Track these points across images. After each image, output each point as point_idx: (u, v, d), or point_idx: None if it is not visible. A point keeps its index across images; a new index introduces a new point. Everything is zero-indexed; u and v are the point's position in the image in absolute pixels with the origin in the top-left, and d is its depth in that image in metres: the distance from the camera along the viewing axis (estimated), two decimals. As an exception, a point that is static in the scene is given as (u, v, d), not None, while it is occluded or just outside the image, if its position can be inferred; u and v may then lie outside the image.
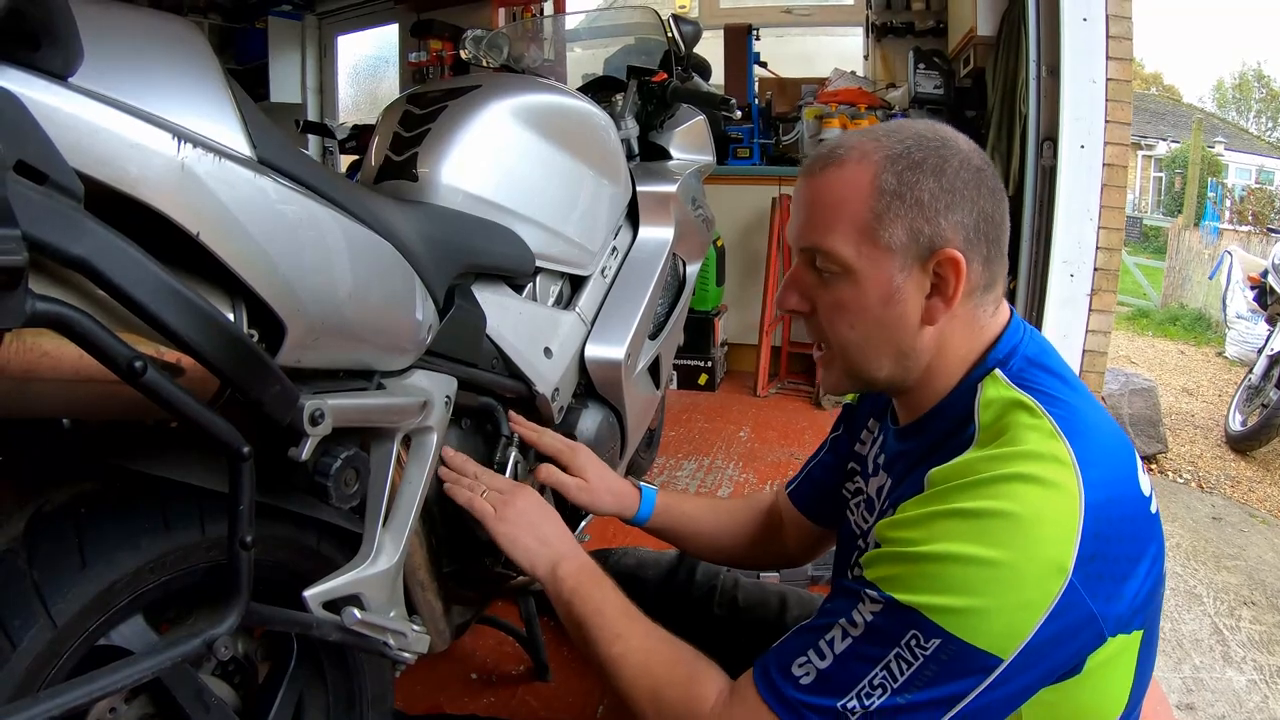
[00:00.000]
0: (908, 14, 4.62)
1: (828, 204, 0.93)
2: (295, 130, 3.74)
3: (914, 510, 0.88)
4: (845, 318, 0.95)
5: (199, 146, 0.72)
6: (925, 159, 0.91)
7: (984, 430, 0.90)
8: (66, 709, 0.72)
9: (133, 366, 0.65)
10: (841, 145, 0.95)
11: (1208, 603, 2.55)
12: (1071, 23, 2.92)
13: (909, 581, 0.83)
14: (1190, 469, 4.24)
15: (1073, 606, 0.80)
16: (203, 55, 0.80)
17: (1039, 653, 0.80)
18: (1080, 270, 3.07)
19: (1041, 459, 0.83)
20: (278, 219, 0.80)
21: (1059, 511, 0.81)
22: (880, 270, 0.92)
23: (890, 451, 1.11)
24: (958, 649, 0.79)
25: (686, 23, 2.15)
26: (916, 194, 0.90)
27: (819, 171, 0.95)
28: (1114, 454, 0.89)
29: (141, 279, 0.66)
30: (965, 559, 0.80)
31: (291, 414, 0.83)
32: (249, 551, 0.81)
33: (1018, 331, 0.99)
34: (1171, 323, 9.48)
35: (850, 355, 0.97)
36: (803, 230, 0.96)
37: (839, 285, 0.94)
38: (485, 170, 1.43)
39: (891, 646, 0.82)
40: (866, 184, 0.91)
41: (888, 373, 0.98)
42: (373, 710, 1.23)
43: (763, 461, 3.15)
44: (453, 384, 1.22)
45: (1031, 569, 0.80)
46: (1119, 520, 0.84)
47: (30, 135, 0.60)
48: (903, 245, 0.91)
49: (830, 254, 0.92)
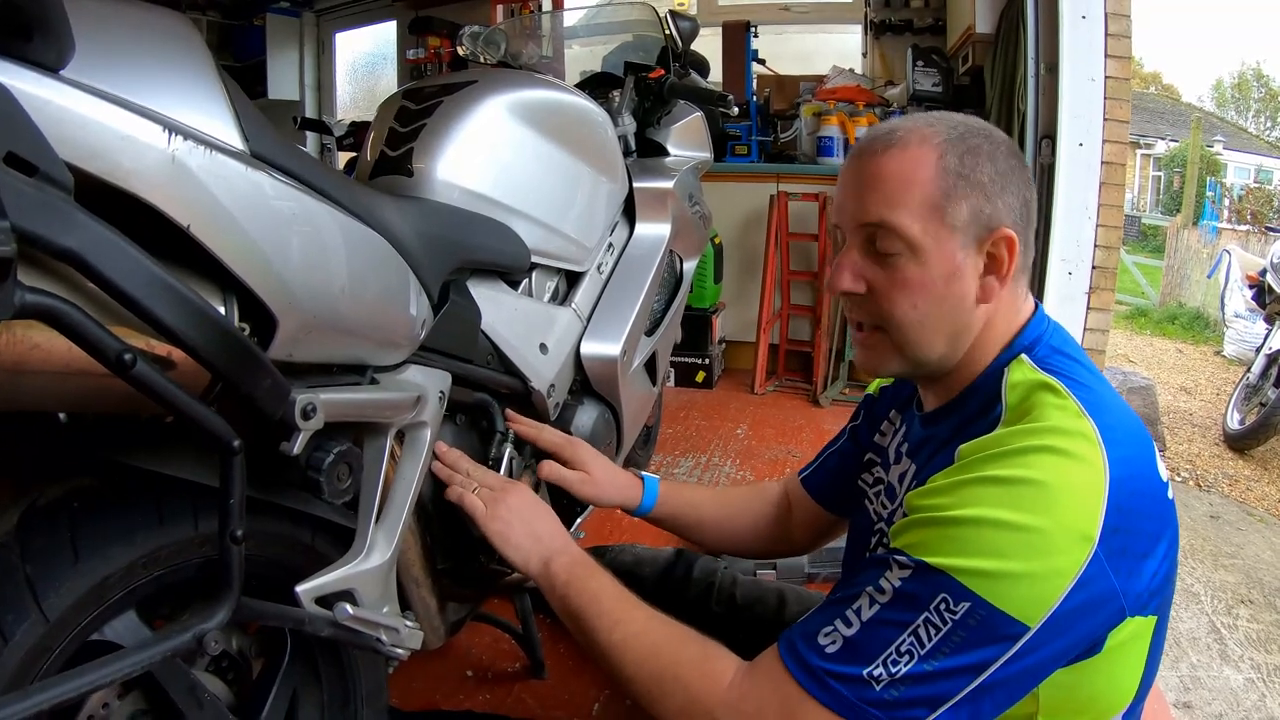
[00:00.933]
0: (906, 11, 4.62)
1: (895, 182, 0.95)
2: (293, 127, 3.72)
3: (944, 479, 0.90)
4: (909, 296, 0.96)
5: (190, 139, 0.72)
6: (980, 145, 0.95)
7: (1011, 410, 0.93)
8: (56, 702, 0.72)
9: (122, 359, 0.65)
10: (898, 129, 0.97)
11: (1205, 601, 2.55)
12: (1070, 20, 2.92)
13: (939, 545, 0.84)
14: (1188, 468, 4.25)
15: (1097, 578, 0.82)
16: (196, 49, 0.80)
17: (1064, 623, 0.81)
18: (1078, 268, 3.07)
19: (1068, 434, 0.86)
20: (270, 213, 0.80)
21: (1086, 483, 0.83)
22: (944, 248, 0.94)
23: (915, 438, 1.13)
24: (986, 613, 0.80)
25: (684, 19, 2.14)
26: (978, 176, 0.94)
27: (881, 151, 0.96)
28: (1136, 436, 0.91)
29: (132, 272, 0.66)
30: (996, 523, 0.82)
31: (283, 408, 0.83)
32: (239, 546, 0.81)
33: (1043, 321, 1.03)
34: (1170, 321, 9.48)
35: (909, 334, 0.98)
36: (863, 208, 0.97)
37: (903, 264, 0.95)
38: (480, 165, 1.43)
39: (920, 611, 0.83)
40: (933, 164, 0.94)
41: (940, 352, 1.00)
42: (367, 707, 1.23)
43: (760, 459, 3.15)
44: (447, 379, 1.22)
45: (1060, 536, 0.81)
46: (1141, 496, 0.87)
47: (21, 127, 0.59)
48: (965, 224, 0.94)
49: (898, 230, 0.94)
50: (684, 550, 1.86)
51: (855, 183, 0.99)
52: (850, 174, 1.00)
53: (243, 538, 0.81)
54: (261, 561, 1.04)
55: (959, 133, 0.96)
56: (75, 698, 0.74)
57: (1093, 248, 3.03)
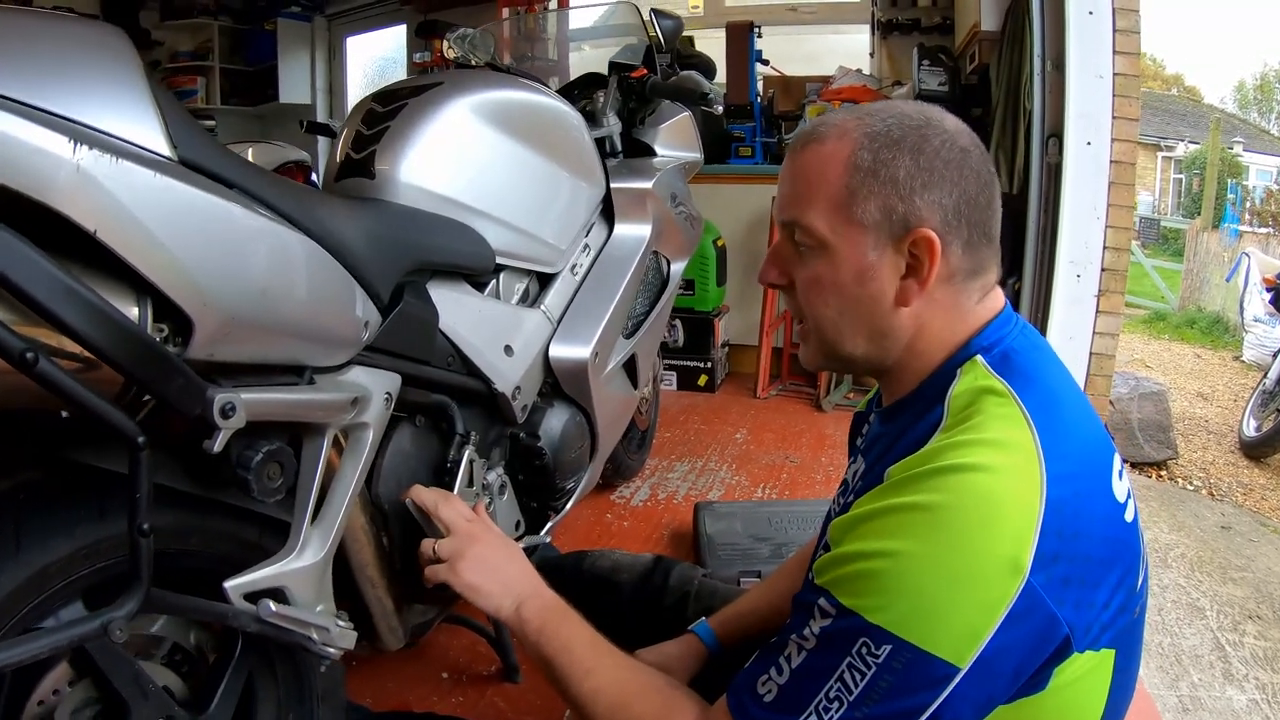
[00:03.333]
0: (914, 10, 4.59)
1: (806, 179, 0.93)
2: (300, 130, 3.77)
3: (863, 506, 0.85)
4: (821, 294, 0.94)
5: (95, 147, 0.74)
6: (904, 137, 0.90)
7: (952, 415, 0.88)
8: None
9: (24, 356, 0.68)
10: (824, 123, 0.95)
11: (1210, 616, 2.49)
12: (1077, 15, 2.86)
13: (855, 586, 0.80)
14: (1201, 476, 4.17)
15: (1033, 610, 0.76)
16: (125, 60, 0.82)
17: (998, 660, 0.76)
18: (1087, 270, 3.00)
19: (1002, 446, 0.80)
20: (184, 217, 0.81)
21: (1016, 505, 0.78)
22: (854, 247, 0.91)
23: (871, 435, 1.11)
24: (911, 656, 0.76)
25: (667, 18, 2.15)
26: (891, 171, 0.89)
27: (800, 148, 0.94)
28: (1087, 450, 0.86)
29: (33, 275, 0.69)
30: (913, 556, 0.77)
31: (199, 406, 0.84)
32: (147, 539, 0.83)
33: (1007, 323, 0.97)
34: (1189, 326, 9.33)
35: (826, 331, 0.96)
36: (783, 204, 0.96)
37: (815, 260, 0.93)
38: (444, 167, 1.44)
39: (843, 656, 0.79)
40: (842, 160, 0.90)
41: (863, 351, 0.96)
42: (323, 705, 1.24)
43: (756, 464, 3.13)
44: (395, 380, 1.23)
45: (986, 566, 0.76)
46: (1086, 518, 0.81)
47: None
48: (876, 223, 0.90)
49: (806, 228, 0.92)
50: (663, 557, 1.85)
51: (781, 178, 0.98)
52: (782, 169, 0.99)
53: (150, 531, 0.83)
54: (208, 557, 1.07)
55: (886, 126, 0.91)
56: None
57: (1102, 249, 2.95)
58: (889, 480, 0.85)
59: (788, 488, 2.93)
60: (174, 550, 1.01)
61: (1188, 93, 28.72)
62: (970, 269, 0.93)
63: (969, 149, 0.92)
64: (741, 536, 2.24)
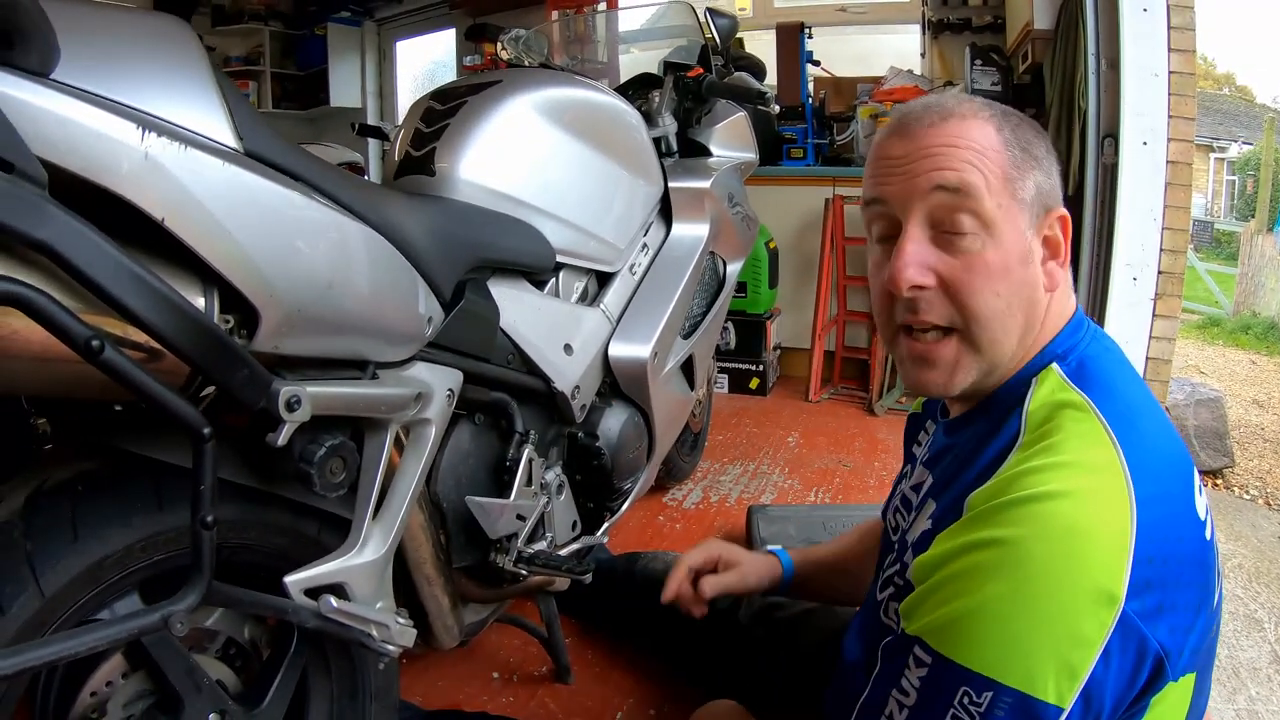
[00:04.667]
0: (965, 10, 4.49)
1: (967, 150, 0.85)
2: (351, 133, 3.81)
3: (948, 543, 0.81)
4: (990, 282, 0.85)
5: (164, 135, 0.74)
6: (1022, 121, 0.89)
7: (1031, 431, 0.84)
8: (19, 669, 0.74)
9: (90, 345, 0.68)
10: (940, 103, 0.89)
11: (1269, 629, 2.40)
12: (1131, 13, 2.80)
13: (946, 630, 0.77)
14: (1258, 485, 4.02)
15: (1129, 640, 0.73)
16: (191, 52, 0.83)
17: (1098, 695, 0.73)
18: (1144, 273, 2.94)
19: (1088, 469, 0.77)
20: (250, 208, 0.81)
21: (1107, 532, 0.74)
22: (1016, 226, 0.86)
23: (936, 447, 1.06)
24: (1013, 700, 0.73)
25: (722, 16, 2.13)
26: (1035, 150, 0.87)
27: (939, 123, 0.87)
28: (1172, 467, 0.81)
29: (103, 263, 0.69)
30: (1001, 597, 0.74)
31: (264, 399, 0.84)
32: (210, 531, 0.83)
33: (1081, 325, 0.93)
34: (1243, 331, 9.01)
35: (991, 329, 0.87)
36: (938, 176, 0.86)
37: (978, 246, 0.85)
38: (503, 165, 1.43)
39: (946, 709, 0.76)
40: (995, 135, 0.86)
41: (1012, 349, 0.89)
42: (376, 703, 1.23)
43: (809, 468, 3.09)
44: (458, 377, 1.22)
45: (1079, 600, 0.72)
46: (1175, 541, 0.77)
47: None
48: (1030, 201, 0.87)
49: (976, 207, 0.85)
50: None
51: (915, 155, 0.87)
52: (902, 148, 0.88)
53: (214, 524, 0.82)
54: (265, 551, 1.06)
55: (998, 107, 0.88)
56: (40, 665, 0.76)
57: (1158, 251, 2.89)
58: (970, 512, 0.82)
59: (841, 492, 2.88)
60: (232, 544, 1.01)
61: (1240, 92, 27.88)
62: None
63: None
64: (795, 540, 2.21)
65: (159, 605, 0.84)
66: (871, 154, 0.93)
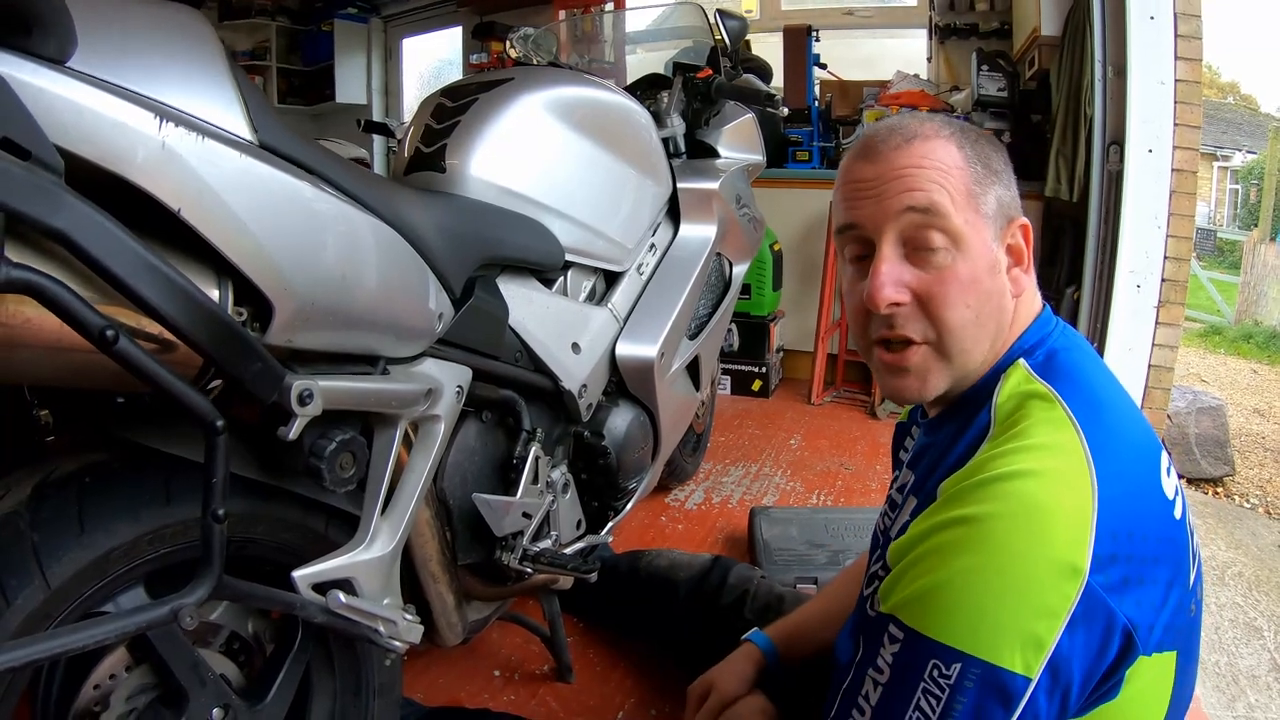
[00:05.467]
0: (971, 15, 4.48)
1: (932, 170, 0.89)
2: (357, 129, 3.81)
3: (920, 525, 0.84)
4: (962, 295, 0.89)
5: (181, 125, 0.74)
6: (980, 137, 0.92)
7: (999, 424, 0.87)
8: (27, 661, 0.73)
9: (104, 334, 0.67)
10: (900, 126, 0.93)
11: (1268, 636, 2.41)
12: (1138, 21, 2.80)
13: (918, 608, 0.80)
14: (1258, 493, 4.03)
15: (1094, 611, 0.75)
16: (207, 43, 0.83)
17: (1066, 667, 0.75)
18: (1147, 281, 2.94)
19: (1050, 449, 0.80)
20: (266, 200, 0.81)
21: (1068, 508, 0.77)
22: (981, 239, 0.90)
23: (917, 447, 1.09)
24: (980, 671, 0.75)
25: (732, 18, 2.12)
26: (994, 165, 0.91)
27: (904, 145, 0.91)
28: (1135, 447, 0.85)
29: (117, 252, 0.69)
30: (969, 570, 0.77)
31: (276, 392, 0.83)
32: (221, 524, 0.82)
33: (1048, 323, 0.97)
34: (1245, 340, 9.03)
35: (963, 339, 0.91)
36: (907, 197, 0.89)
37: (950, 261, 0.89)
38: (514, 163, 1.43)
39: (917, 682, 0.78)
40: (957, 153, 0.90)
41: (982, 356, 0.93)
42: (379, 699, 1.23)
43: (811, 470, 3.08)
44: (466, 374, 1.21)
45: (1043, 572, 0.75)
46: (1139, 517, 0.80)
47: (15, 115, 0.63)
48: (993, 214, 0.91)
49: (944, 224, 0.88)
50: (721, 557, 1.83)
51: (883, 177, 0.91)
52: (871, 171, 0.92)
53: (225, 517, 0.82)
54: (271, 546, 1.06)
55: (957, 125, 0.93)
56: (47, 658, 0.75)
57: (1162, 259, 2.89)
58: (941, 496, 0.85)
59: (843, 495, 2.87)
60: (238, 538, 1.01)
61: (1244, 101, 27.90)
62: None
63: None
64: (798, 542, 2.20)
65: (168, 599, 0.83)
66: (840, 178, 0.98)
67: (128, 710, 0.98)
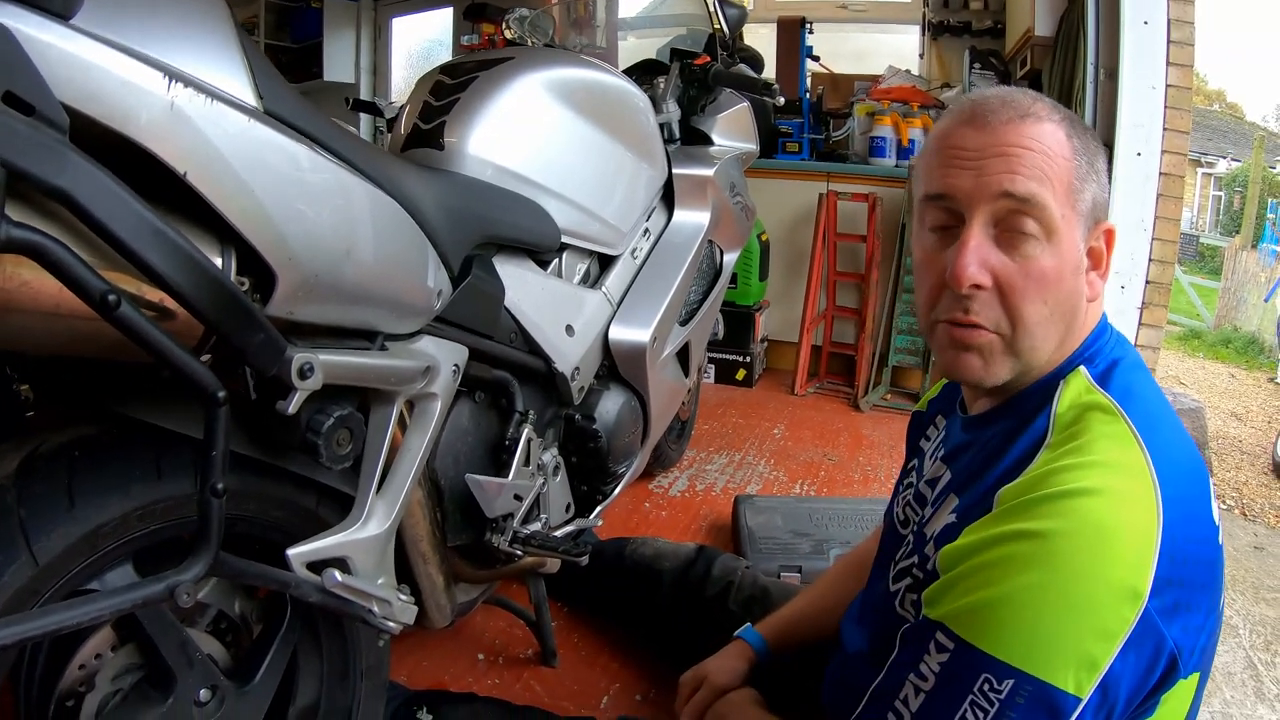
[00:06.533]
0: (965, 13, 4.49)
1: (1040, 155, 0.84)
2: (345, 107, 3.76)
3: (978, 533, 0.82)
4: (1042, 291, 0.86)
5: (190, 87, 0.71)
6: (1086, 130, 0.87)
7: (1059, 431, 0.85)
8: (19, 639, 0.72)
9: (106, 299, 0.65)
10: (1014, 99, 0.87)
11: (1244, 635, 2.44)
12: (1132, 25, 2.82)
13: (974, 621, 0.78)
14: (1234, 495, 4.08)
15: (1147, 636, 0.74)
16: (215, 8, 0.80)
17: (1114, 688, 0.74)
18: (1131, 282, 2.98)
19: (1116, 469, 0.78)
20: (273, 167, 0.79)
21: (1134, 530, 0.75)
22: (1072, 237, 0.86)
23: (953, 443, 1.06)
24: (1033, 689, 0.74)
25: (731, 6, 2.11)
26: (1099, 162, 0.87)
27: (1016, 121, 0.86)
28: (1192, 470, 0.83)
29: (122, 214, 0.66)
30: (1030, 587, 0.75)
31: (278, 365, 0.82)
32: (220, 499, 0.80)
33: (1106, 330, 0.94)
34: (1224, 345, 9.14)
35: (1034, 335, 0.87)
36: (1010, 179, 0.84)
37: (1039, 253, 0.85)
38: (512, 142, 1.41)
39: (965, 695, 0.77)
40: (1066, 142, 0.85)
41: (1046, 356, 0.90)
42: (366, 680, 1.21)
43: (794, 460, 3.09)
44: (463, 353, 1.20)
45: (1105, 594, 0.73)
46: (1195, 543, 0.79)
47: (20, 68, 0.60)
48: (1086, 213, 0.87)
49: (1042, 213, 0.84)
50: (705, 547, 1.83)
51: (988, 151, 0.86)
52: (976, 140, 0.87)
53: (224, 492, 0.80)
54: (262, 524, 1.04)
55: (1067, 112, 0.88)
56: (40, 635, 0.73)
57: (1147, 261, 2.93)
58: (1000, 506, 0.82)
59: (825, 485, 2.89)
60: (229, 515, 0.97)
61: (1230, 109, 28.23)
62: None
63: None
64: (782, 531, 2.20)
65: (164, 575, 0.81)
66: (938, 141, 0.91)
67: (113, 691, 0.95)
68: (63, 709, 0.93)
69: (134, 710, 0.95)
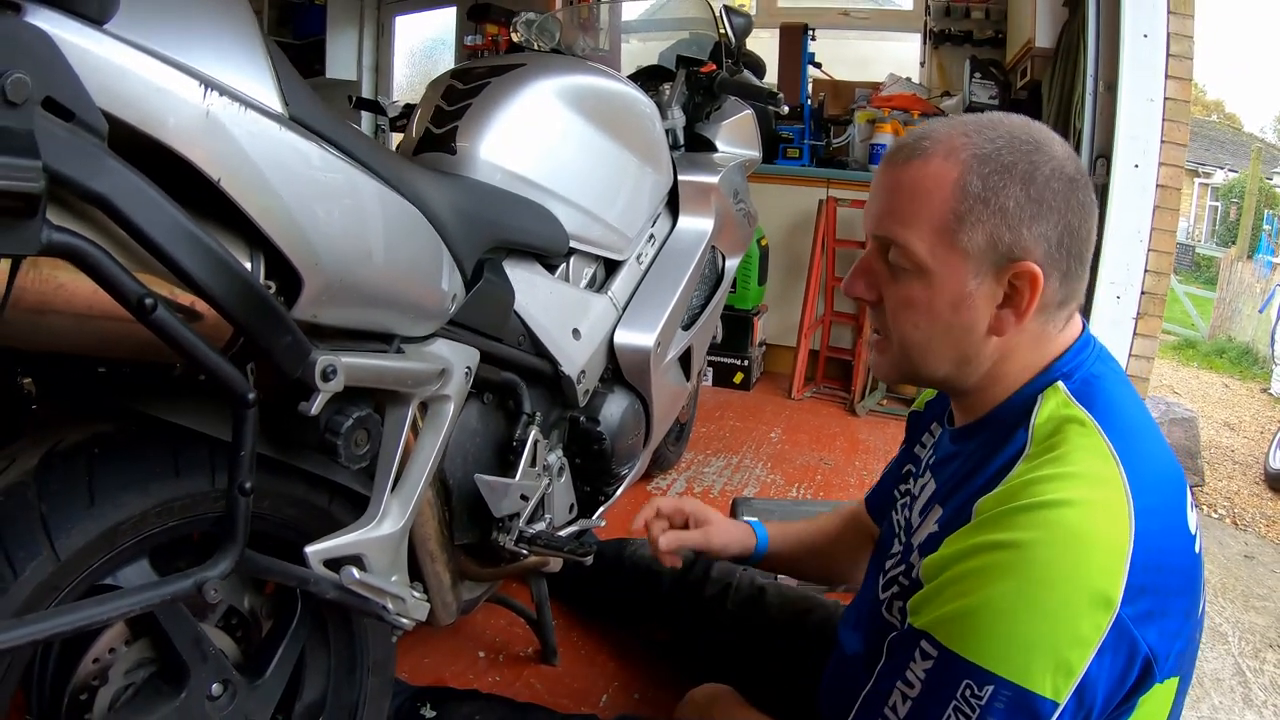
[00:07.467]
0: (966, 23, 4.53)
1: (908, 197, 0.89)
2: (348, 106, 3.77)
3: (958, 544, 0.85)
4: (911, 316, 0.92)
5: (225, 95, 0.73)
6: (1015, 163, 0.86)
7: (1036, 444, 0.87)
8: (49, 635, 0.73)
9: (143, 303, 0.66)
10: (929, 136, 0.90)
11: (1233, 642, 2.47)
12: (1132, 38, 2.85)
13: (955, 629, 0.81)
14: (1226, 504, 4.12)
15: (1121, 642, 0.77)
16: (242, 15, 0.81)
17: (1090, 693, 0.77)
18: (1127, 293, 3.00)
19: (1090, 480, 0.81)
20: (301, 173, 0.81)
21: (1107, 540, 0.78)
22: (954, 274, 0.88)
23: (941, 453, 1.09)
24: (1012, 694, 0.77)
25: (738, 15, 2.13)
26: (1001, 201, 0.86)
27: (902, 162, 0.90)
28: (1168, 481, 0.85)
29: (158, 219, 0.68)
30: (1007, 595, 0.78)
31: (303, 367, 0.83)
32: (248, 498, 0.81)
33: (1087, 345, 0.95)
34: (1218, 355, 9.18)
35: (910, 351, 0.94)
36: (879, 219, 0.92)
37: (910, 282, 0.90)
38: (523, 147, 1.43)
39: (949, 700, 0.80)
40: (950, 183, 0.87)
41: (944, 374, 0.95)
42: (373, 676, 1.23)
43: (791, 464, 3.11)
44: (475, 355, 1.22)
45: (1079, 601, 0.76)
46: (1168, 552, 0.81)
47: (60, 74, 0.61)
48: (980, 251, 0.87)
49: (905, 249, 0.89)
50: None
51: (877, 189, 0.94)
52: (876, 179, 0.95)
53: (251, 490, 0.81)
54: (276, 521, 1.05)
55: (996, 147, 0.87)
56: (71, 631, 0.74)
57: (1143, 272, 2.96)
58: (979, 517, 0.85)
59: (822, 489, 2.91)
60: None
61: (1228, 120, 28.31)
62: (1062, 299, 0.92)
63: (1075, 178, 0.89)
64: (781, 534, 2.22)
65: (191, 571, 0.82)
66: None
67: (125, 685, 0.96)
68: (76, 702, 0.94)
69: (147, 704, 0.96)
